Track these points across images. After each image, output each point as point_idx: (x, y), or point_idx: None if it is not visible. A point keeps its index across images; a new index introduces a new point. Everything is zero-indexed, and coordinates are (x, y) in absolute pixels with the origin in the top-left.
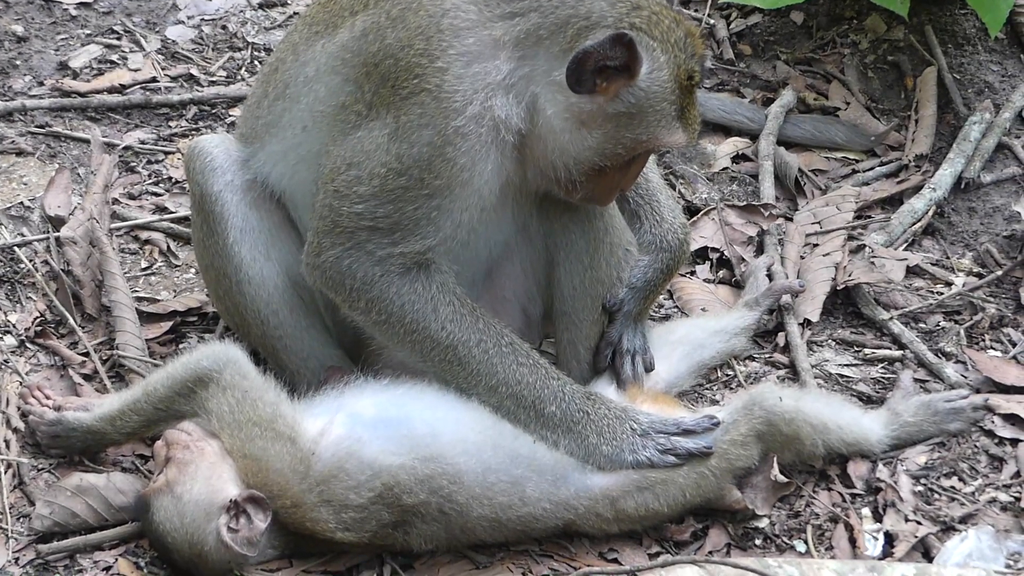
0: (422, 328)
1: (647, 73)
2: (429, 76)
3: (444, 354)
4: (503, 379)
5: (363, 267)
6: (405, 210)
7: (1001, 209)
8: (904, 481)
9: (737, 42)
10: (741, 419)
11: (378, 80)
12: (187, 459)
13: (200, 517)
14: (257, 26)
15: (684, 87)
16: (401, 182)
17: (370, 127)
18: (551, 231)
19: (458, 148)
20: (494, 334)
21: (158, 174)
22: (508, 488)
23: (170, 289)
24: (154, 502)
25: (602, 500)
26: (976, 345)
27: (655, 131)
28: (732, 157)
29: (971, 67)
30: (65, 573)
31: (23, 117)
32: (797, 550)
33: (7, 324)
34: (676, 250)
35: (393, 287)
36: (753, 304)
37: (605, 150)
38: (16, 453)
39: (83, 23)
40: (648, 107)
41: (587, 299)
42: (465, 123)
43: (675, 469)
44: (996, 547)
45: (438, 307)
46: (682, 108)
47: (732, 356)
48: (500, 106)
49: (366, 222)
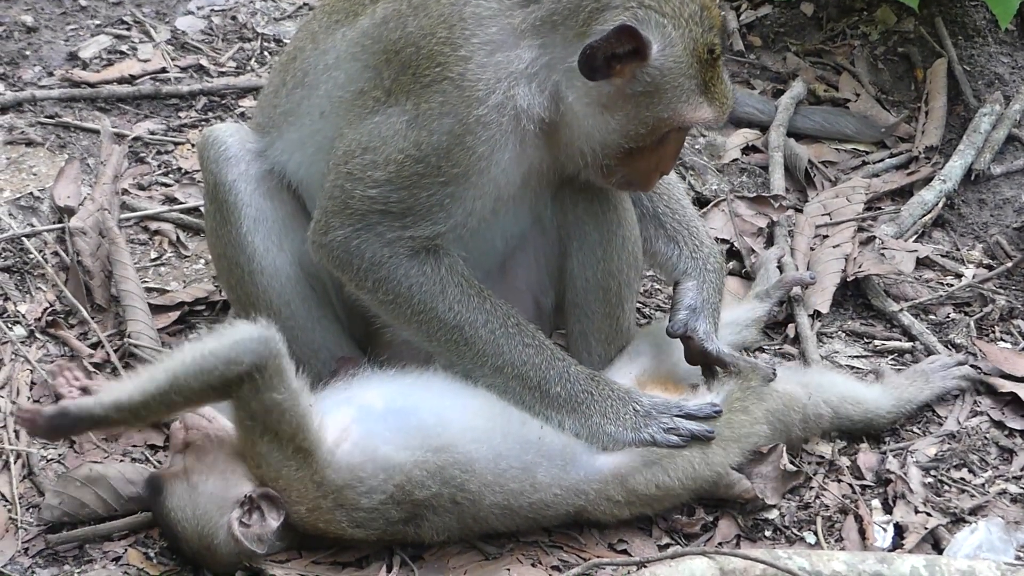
0: (429, 308)
1: (659, 52)
2: (452, 65)
3: (450, 334)
4: (509, 360)
5: (372, 248)
6: (419, 196)
7: (1011, 201)
8: (914, 473)
9: (747, 33)
10: (737, 386)
11: (399, 67)
12: (206, 448)
13: (213, 509)
14: (267, 16)
15: (704, 61)
16: (418, 169)
17: (388, 113)
18: (564, 223)
19: (478, 137)
20: (501, 315)
21: (168, 165)
22: (519, 474)
23: (179, 280)
24: (168, 487)
25: (612, 481)
26: (986, 337)
27: (677, 107)
28: (742, 148)
29: (981, 59)
30: (74, 563)
31: (33, 107)
32: (807, 541)
33: (17, 314)
34: (720, 272)
35: (401, 268)
36: (764, 296)
37: (629, 131)
38: (26, 443)
39: (93, 13)
40: (666, 84)
41: (599, 291)
42: (487, 112)
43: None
44: (1006, 539)
45: (446, 288)
46: (705, 83)
47: (743, 348)
48: (523, 95)
49: (378, 206)
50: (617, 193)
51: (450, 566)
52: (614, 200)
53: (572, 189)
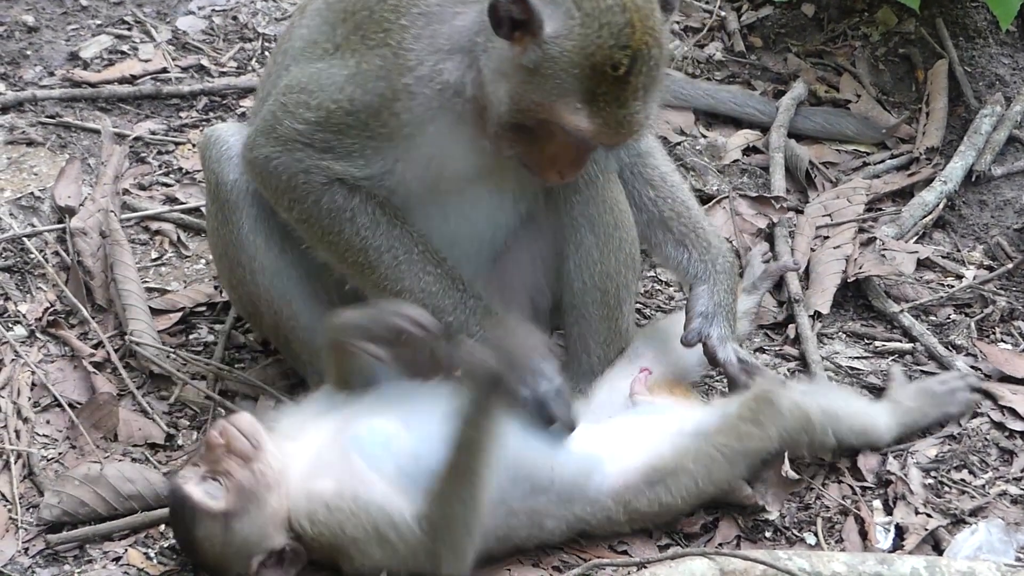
0: (337, 232)
1: (551, 36)
2: (394, 32)
3: (355, 257)
4: (407, 286)
5: (290, 171)
6: (343, 141)
7: (1012, 202)
8: (914, 474)
9: (748, 34)
10: (746, 398)
11: (352, 27)
12: (250, 489)
13: (242, 552)
14: (268, 17)
15: (600, 72)
16: (347, 120)
17: (332, 63)
18: (559, 224)
19: (405, 105)
20: (407, 243)
21: (168, 165)
22: (527, 524)
23: (180, 280)
24: (201, 520)
25: (615, 507)
26: (987, 338)
27: (555, 103)
28: (743, 149)
29: (982, 60)
30: (74, 563)
31: (34, 107)
32: (807, 543)
33: (17, 314)
34: (730, 272)
35: (314, 194)
36: (751, 289)
37: (513, 105)
38: (26, 443)
39: (94, 13)
40: (549, 72)
41: (597, 293)
42: (415, 83)
43: (683, 458)
44: (1006, 540)
45: (356, 216)
46: (593, 93)
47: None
48: (451, 69)
49: (303, 139)
50: (613, 194)
51: None
52: (610, 202)
53: (566, 191)
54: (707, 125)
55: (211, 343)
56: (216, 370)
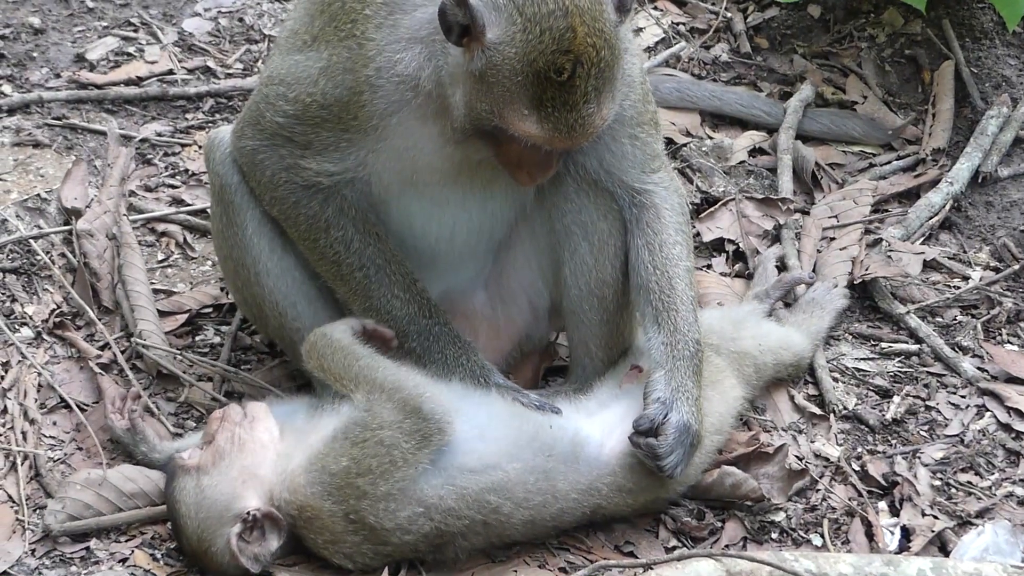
0: (312, 239)
1: (494, 42)
2: (359, 22)
3: (329, 267)
4: (375, 305)
5: (273, 167)
6: (320, 135)
7: (1018, 203)
8: (921, 475)
9: (754, 35)
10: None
11: (327, 18)
12: (226, 450)
13: (215, 516)
14: (274, 19)
15: (544, 77)
16: (322, 113)
17: (308, 55)
18: (553, 231)
19: (367, 97)
20: (379, 263)
21: (175, 166)
22: (543, 486)
23: (187, 281)
24: (179, 479)
25: (620, 471)
26: (993, 339)
27: (503, 109)
28: (749, 151)
29: (988, 61)
30: (81, 565)
31: (40, 109)
32: (813, 544)
33: (24, 316)
34: (694, 356)
35: (294, 196)
36: (763, 296)
37: (468, 110)
38: (33, 445)
39: (100, 15)
40: (494, 79)
41: (594, 299)
42: (374, 75)
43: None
44: (1013, 541)
45: (330, 228)
46: (540, 98)
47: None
48: (407, 61)
49: (284, 132)
50: (607, 203)
51: (457, 568)
52: (603, 209)
53: (557, 199)
54: (713, 126)
55: (217, 345)
56: (222, 371)
